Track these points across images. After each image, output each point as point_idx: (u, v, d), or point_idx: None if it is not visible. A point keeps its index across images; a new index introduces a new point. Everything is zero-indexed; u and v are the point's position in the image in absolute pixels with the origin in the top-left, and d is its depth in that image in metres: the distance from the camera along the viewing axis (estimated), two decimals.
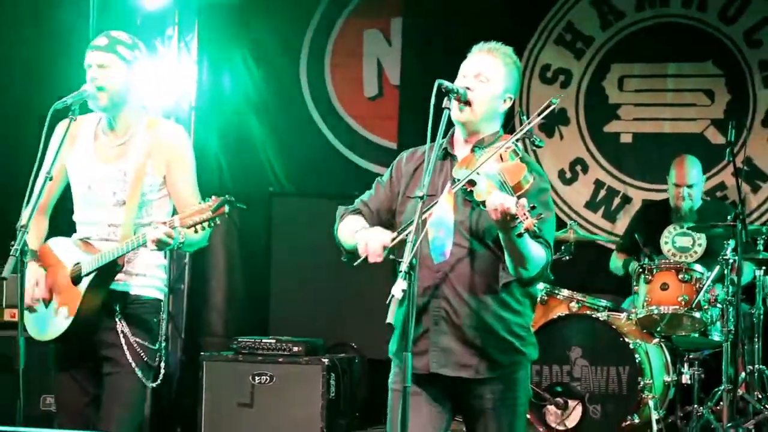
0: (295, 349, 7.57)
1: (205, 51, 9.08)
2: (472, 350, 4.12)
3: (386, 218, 4.36)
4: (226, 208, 4.50)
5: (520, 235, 3.73)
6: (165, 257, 5.09)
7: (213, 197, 4.54)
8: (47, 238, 5.04)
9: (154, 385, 4.93)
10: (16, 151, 7.35)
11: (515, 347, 4.19)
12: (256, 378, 7.47)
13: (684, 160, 7.75)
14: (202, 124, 9.00)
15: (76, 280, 4.81)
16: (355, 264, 4.17)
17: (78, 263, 4.81)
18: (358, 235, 4.15)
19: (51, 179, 4.74)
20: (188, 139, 5.07)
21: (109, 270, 4.77)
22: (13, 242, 4.48)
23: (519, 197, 3.72)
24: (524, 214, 3.64)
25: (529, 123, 4.11)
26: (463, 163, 4.10)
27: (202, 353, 7.82)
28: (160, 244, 4.55)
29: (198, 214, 4.51)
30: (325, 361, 7.45)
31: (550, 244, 4.08)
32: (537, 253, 3.96)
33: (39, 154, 4.74)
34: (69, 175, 4.97)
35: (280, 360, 7.51)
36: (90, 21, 7.73)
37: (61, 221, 5.11)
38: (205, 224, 4.53)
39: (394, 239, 4.06)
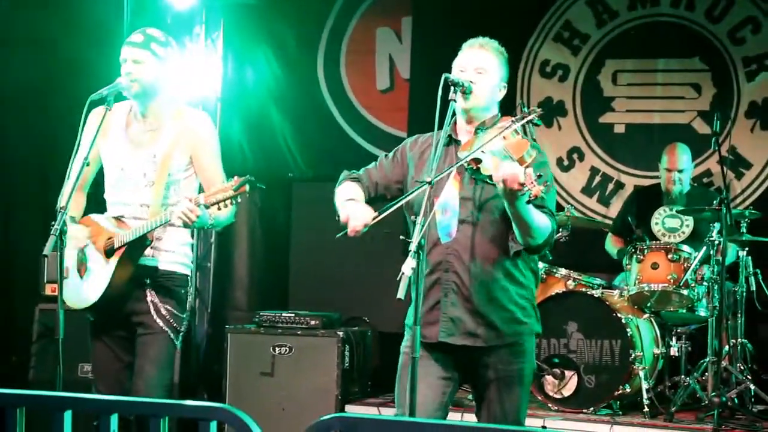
0: (313, 322, 7.57)
1: (230, 47, 9.09)
2: (478, 320, 4.13)
3: (382, 192, 4.42)
4: (247, 187, 4.52)
5: (528, 203, 3.75)
6: (192, 236, 5.10)
7: (235, 177, 4.57)
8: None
9: (179, 345, 4.95)
10: (54, 138, 7.38)
11: (518, 318, 4.20)
12: (277, 349, 7.48)
13: (675, 147, 7.73)
14: (227, 114, 9.02)
15: (108, 253, 4.83)
16: (338, 236, 4.19)
17: (110, 237, 4.83)
18: (344, 206, 4.19)
19: (88, 164, 4.78)
20: (212, 124, 5.08)
21: (139, 244, 4.80)
22: (53, 222, 4.50)
23: (525, 168, 3.74)
24: (532, 182, 3.66)
25: (527, 116, 4.13)
26: (466, 145, 4.13)
27: (226, 326, 7.82)
28: (185, 219, 4.56)
29: (221, 192, 4.54)
30: (340, 333, 7.45)
31: (554, 213, 4.11)
32: (542, 222, 3.98)
33: (77, 141, 4.76)
34: (102, 159, 5.00)
35: (299, 332, 7.51)
36: (124, 19, 7.74)
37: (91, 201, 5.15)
38: (227, 202, 4.55)
39: (375, 218, 4.09)
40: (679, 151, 7.70)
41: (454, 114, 4.17)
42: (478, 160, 3.93)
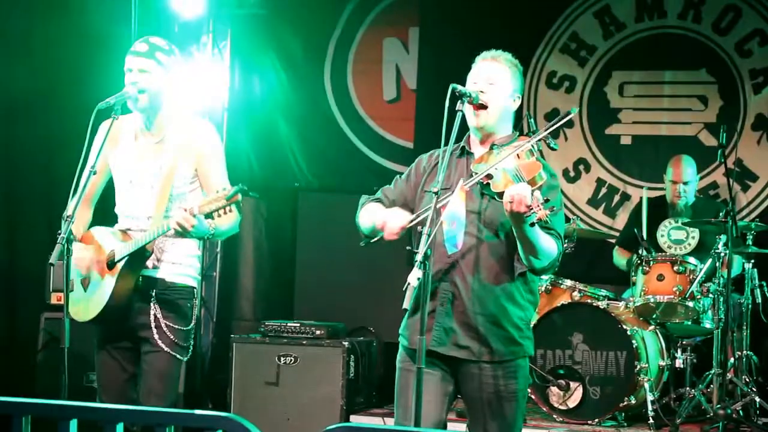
0: (318, 332, 7.57)
1: (237, 57, 9.11)
2: (471, 333, 4.11)
3: None
4: (240, 196, 4.51)
5: (532, 225, 3.75)
6: (199, 248, 5.10)
7: (228, 186, 4.56)
8: (91, 226, 5.08)
9: (185, 358, 4.95)
10: (61, 147, 7.39)
11: (513, 338, 4.16)
12: (282, 359, 7.48)
13: (680, 159, 7.74)
14: (233, 124, 9.03)
15: (110, 265, 4.83)
16: (373, 241, 4.19)
17: (112, 250, 4.84)
18: (378, 214, 4.18)
19: (95, 173, 4.78)
20: (217, 135, 5.07)
21: (139, 256, 4.80)
22: (59, 231, 4.51)
23: (533, 191, 3.74)
24: (538, 206, 3.67)
25: (547, 128, 4.12)
26: (481, 159, 4.13)
27: (232, 335, 7.84)
28: (180, 229, 4.56)
29: (214, 202, 4.53)
30: (346, 343, 7.45)
31: (561, 236, 4.09)
32: (548, 245, 3.97)
33: (84, 151, 4.76)
34: (112, 171, 5.00)
35: (304, 342, 7.52)
36: (131, 28, 7.75)
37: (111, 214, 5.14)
38: (221, 211, 4.54)
39: (411, 221, 4.09)
40: (684, 164, 7.71)
41: (464, 126, 4.17)
42: (489, 176, 3.94)
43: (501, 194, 3.87)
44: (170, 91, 4.94)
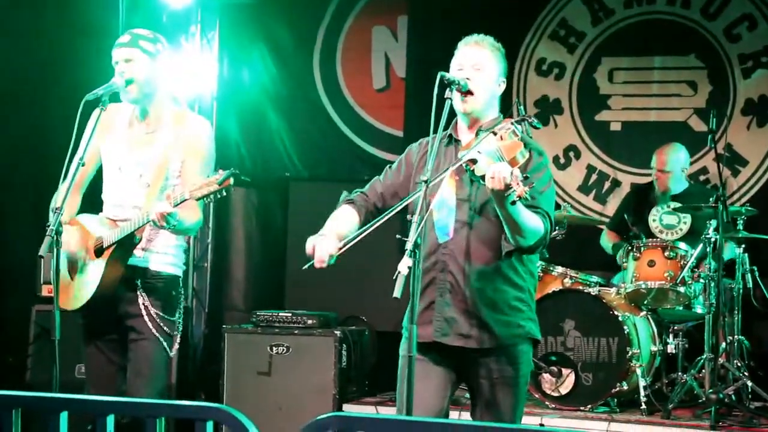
0: (310, 322, 7.57)
1: (225, 46, 9.09)
2: (472, 321, 4.11)
3: (389, 202, 4.37)
4: (232, 181, 4.49)
5: (513, 203, 3.73)
6: (184, 237, 5.11)
7: (220, 170, 4.53)
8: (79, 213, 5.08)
9: (172, 353, 4.94)
10: (48, 138, 7.38)
11: (514, 321, 4.17)
12: (274, 348, 7.47)
13: (664, 148, 7.78)
14: (223, 114, 9.02)
15: (98, 252, 4.82)
16: (304, 268, 4.24)
17: (100, 237, 4.82)
18: (309, 240, 4.21)
19: (83, 165, 4.77)
20: (210, 133, 5.05)
21: (127, 243, 4.78)
22: (48, 223, 4.49)
23: (513, 169, 3.74)
24: (517, 183, 3.66)
25: (526, 117, 4.13)
26: (467, 146, 4.12)
27: (224, 326, 7.83)
28: (164, 218, 4.53)
29: (206, 187, 4.50)
30: (338, 333, 7.45)
31: (549, 214, 4.08)
32: (533, 223, 3.96)
33: (72, 141, 4.75)
34: (102, 158, 4.99)
35: (296, 332, 7.51)
36: (119, 19, 7.73)
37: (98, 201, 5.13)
38: (211, 196, 4.52)
39: (340, 248, 4.12)
40: (666, 151, 7.74)
41: (453, 114, 4.17)
42: (474, 161, 3.93)
43: (485, 177, 3.86)
44: (161, 79, 4.93)
